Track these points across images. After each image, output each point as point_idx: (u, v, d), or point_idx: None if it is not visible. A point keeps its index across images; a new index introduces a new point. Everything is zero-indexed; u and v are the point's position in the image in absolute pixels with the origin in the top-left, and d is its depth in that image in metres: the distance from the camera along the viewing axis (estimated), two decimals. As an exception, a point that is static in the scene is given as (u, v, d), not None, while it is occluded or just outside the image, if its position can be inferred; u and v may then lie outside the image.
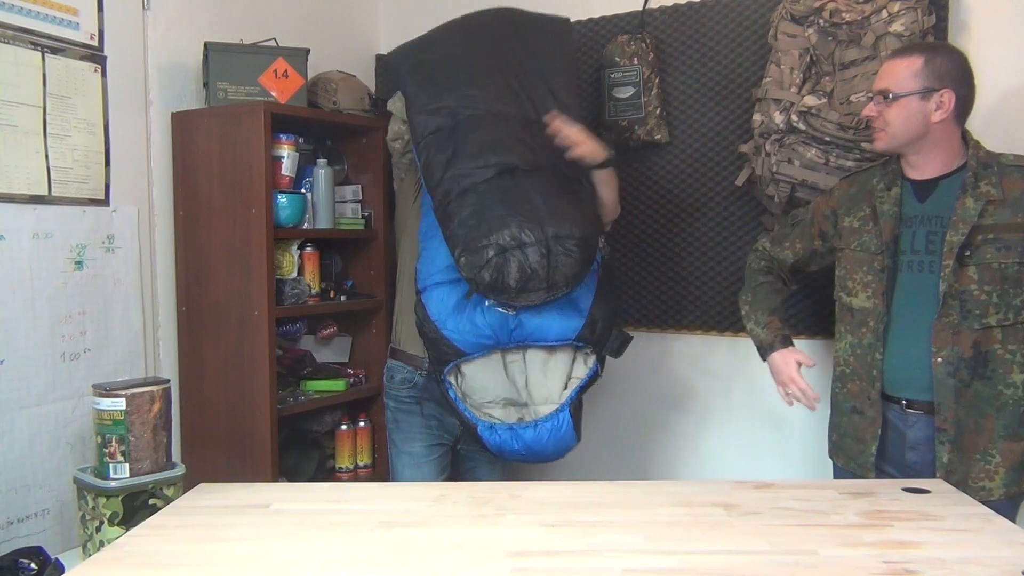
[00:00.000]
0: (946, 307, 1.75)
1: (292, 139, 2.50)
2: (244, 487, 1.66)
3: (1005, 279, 1.73)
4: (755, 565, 1.23)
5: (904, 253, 1.82)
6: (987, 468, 1.76)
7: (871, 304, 1.85)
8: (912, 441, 1.83)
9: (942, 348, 1.75)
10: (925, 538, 1.32)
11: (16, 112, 2.05)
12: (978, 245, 1.73)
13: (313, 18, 2.92)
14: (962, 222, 1.73)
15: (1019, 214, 1.72)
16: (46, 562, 1.87)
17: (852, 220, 1.92)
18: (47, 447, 2.13)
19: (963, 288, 1.74)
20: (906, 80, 1.75)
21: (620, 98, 2.57)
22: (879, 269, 1.84)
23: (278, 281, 2.42)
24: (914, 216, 1.82)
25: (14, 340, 2.05)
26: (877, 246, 1.85)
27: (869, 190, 1.90)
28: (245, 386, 2.37)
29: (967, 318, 1.74)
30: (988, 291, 1.73)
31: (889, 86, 1.77)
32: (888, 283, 1.82)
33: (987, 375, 1.75)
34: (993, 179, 1.75)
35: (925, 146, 1.80)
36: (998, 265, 1.72)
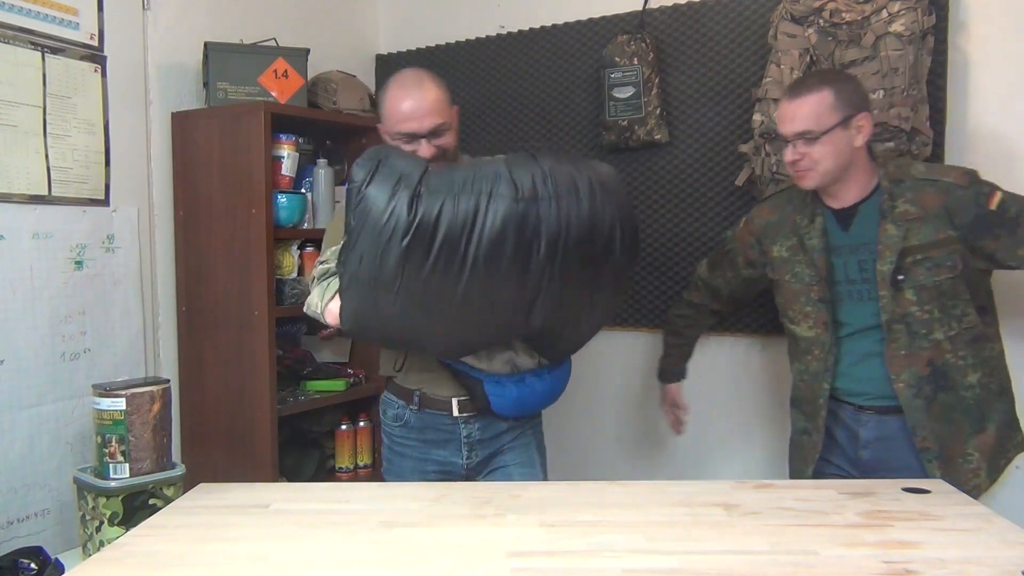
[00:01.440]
0: (893, 333, 1.77)
1: (292, 139, 2.50)
2: (244, 487, 1.66)
3: (942, 294, 1.75)
4: (755, 565, 1.23)
5: (840, 283, 1.83)
6: (971, 468, 1.80)
7: (814, 334, 1.87)
8: (864, 440, 1.86)
9: (901, 372, 1.77)
10: (925, 538, 1.32)
11: (16, 112, 2.05)
12: (909, 268, 1.74)
13: (313, 18, 2.92)
14: (888, 250, 1.74)
15: (941, 231, 1.73)
16: (46, 562, 1.87)
17: (780, 249, 1.93)
18: (47, 447, 2.13)
19: (905, 312, 1.75)
20: (825, 115, 1.72)
21: (620, 98, 2.57)
22: (817, 299, 1.85)
23: (278, 281, 2.42)
24: (842, 246, 1.83)
25: (14, 340, 2.05)
26: (811, 277, 1.85)
27: (790, 220, 1.91)
28: (245, 386, 2.37)
29: (916, 339, 1.76)
30: (929, 309, 1.75)
31: (810, 126, 1.72)
32: (830, 313, 1.84)
33: (948, 386, 1.78)
34: (908, 195, 1.76)
35: (847, 175, 1.80)
36: (932, 283, 1.74)
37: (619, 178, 1.69)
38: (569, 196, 1.57)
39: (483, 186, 1.54)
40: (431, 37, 3.06)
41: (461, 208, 1.51)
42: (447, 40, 3.02)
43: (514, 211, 1.53)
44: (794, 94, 1.77)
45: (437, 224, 1.50)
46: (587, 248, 1.60)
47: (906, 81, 2.04)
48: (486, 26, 2.95)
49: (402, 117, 1.71)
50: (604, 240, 1.62)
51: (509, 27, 2.90)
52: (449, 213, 1.51)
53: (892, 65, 2.05)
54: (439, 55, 3.04)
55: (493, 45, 2.93)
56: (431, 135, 1.72)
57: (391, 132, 1.75)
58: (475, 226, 1.52)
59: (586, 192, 1.59)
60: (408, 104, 1.71)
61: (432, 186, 1.53)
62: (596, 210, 1.60)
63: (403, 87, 1.75)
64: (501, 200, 1.53)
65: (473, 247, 1.52)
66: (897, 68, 2.04)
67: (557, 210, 1.56)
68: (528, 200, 1.54)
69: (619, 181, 1.68)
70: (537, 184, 1.56)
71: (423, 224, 1.50)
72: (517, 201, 1.53)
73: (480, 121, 2.96)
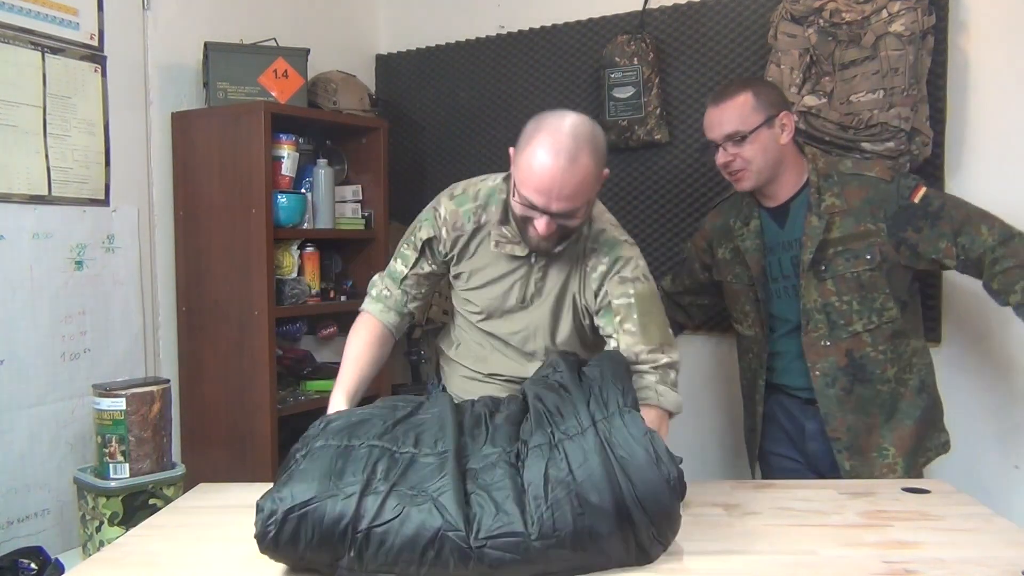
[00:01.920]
0: (812, 322, 1.82)
1: (292, 139, 2.50)
2: (244, 487, 1.66)
3: (861, 286, 1.79)
4: (755, 565, 1.23)
5: (776, 280, 1.90)
6: (887, 463, 1.84)
7: (752, 333, 1.96)
8: (810, 433, 1.92)
9: (817, 361, 1.83)
10: (925, 538, 1.32)
11: (16, 112, 2.05)
12: (830, 259, 1.80)
13: (313, 18, 2.92)
14: (810, 240, 1.79)
15: (862, 223, 1.78)
16: (46, 562, 1.87)
17: (724, 252, 2.00)
18: (47, 447, 2.13)
19: (826, 301, 1.81)
20: (749, 116, 1.77)
21: (620, 98, 2.57)
22: (754, 299, 1.93)
23: (278, 281, 2.42)
24: (777, 244, 1.89)
25: (14, 340, 2.05)
26: (748, 279, 1.93)
27: (733, 221, 1.96)
28: (245, 386, 2.37)
29: (835, 329, 1.81)
30: (848, 300, 1.80)
31: (737, 127, 1.78)
32: (765, 312, 1.90)
33: (866, 378, 1.82)
34: (835, 189, 1.81)
35: (779, 172, 1.84)
36: (851, 274, 1.79)
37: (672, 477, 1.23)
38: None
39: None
40: (431, 37, 3.06)
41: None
42: (447, 40, 3.02)
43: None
44: (717, 101, 1.82)
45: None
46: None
47: (906, 81, 2.04)
48: (486, 26, 2.95)
49: (532, 184, 1.43)
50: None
51: (509, 27, 2.90)
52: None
53: (892, 65, 2.05)
54: (439, 55, 3.04)
55: (493, 45, 2.93)
56: (559, 216, 1.46)
57: (517, 186, 1.47)
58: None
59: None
60: (545, 178, 1.41)
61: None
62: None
63: (553, 152, 1.41)
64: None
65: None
66: (897, 68, 2.04)
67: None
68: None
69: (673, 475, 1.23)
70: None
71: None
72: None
73: (480, 121, 2.96)
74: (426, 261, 1.71)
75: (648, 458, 1.20)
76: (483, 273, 1.66)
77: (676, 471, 1.21)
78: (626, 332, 1.52)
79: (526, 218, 1.49)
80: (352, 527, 1.15)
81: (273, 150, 2.42)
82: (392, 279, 1.74)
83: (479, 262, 1.66)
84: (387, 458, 1.25)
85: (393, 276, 1.74)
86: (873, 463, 1.83)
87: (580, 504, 1.17)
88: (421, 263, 1.71)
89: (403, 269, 1.72)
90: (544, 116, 1.47)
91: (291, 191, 2.47)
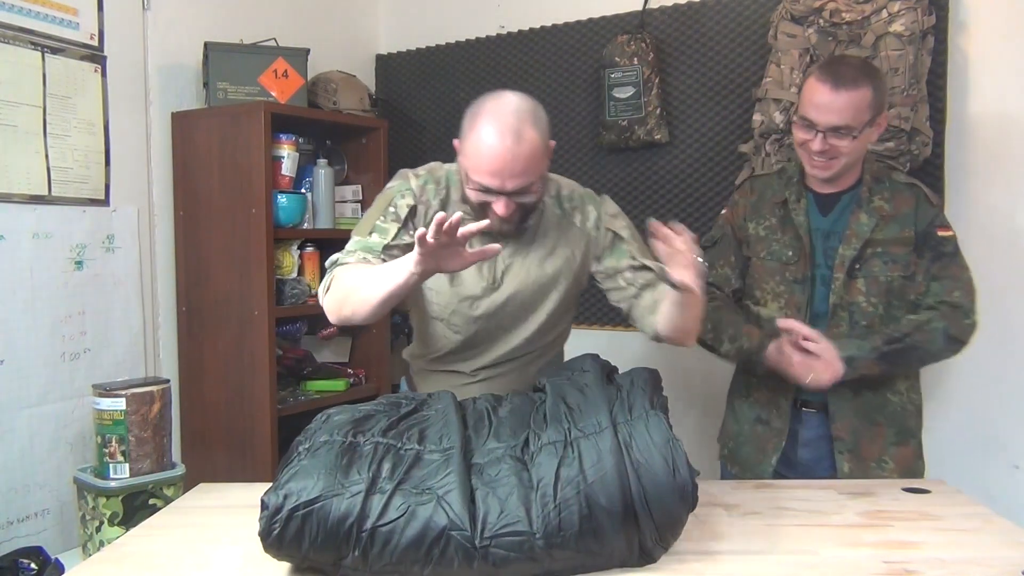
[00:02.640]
0: (835, 318, 1.77)
1: (292, 139, 2.50)
2: (244, 487, 1.66)
3: (890, 292, 1.76)
4: (755, 565, 1.23)
5: (819, 266, 1.81)
6: (883, 475, 1.78)
7: (783, 315, 1.80)
8: (804, 439, 1.84)
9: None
10: (925, 538, 1.32)
11: (16, 112, 2.05)
12: (867, 258, 1.76)
13: (313, 18, 2.92)
14: (855, 236, 1.76)
15: (906, 229, 1.75)
16: (46, 562, 1.87)
17: (758, 228, 1.89)
18: (47, 447, 2.13)
19: (852, 300, 1.76)
20: (863, 112, 1.69)
21: (620, 98, 2.57)
22: (792, 280, 1.82)
23: (278, 281, 2.42)
24: (818, 229, 1.82)
25: (14, 340, 2.05)
26: (791, 256, 1.82)
27: (771, 199, 1.88)
28: (245, 386, 2.37)
29: (855, 328, 1.76)
30: (875, 303, 1.76)
31: (850, 122, 1.68)
32: (804, 295, 1.80)
33: (875, 386, 1.77)
34: (886, 194, 1.78)
35: (853, 166, 1.79)
36: (885, 278, 1.75)
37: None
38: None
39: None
40: (431, 37, 3.06)
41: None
42: (447, 40, 3.02)
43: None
44: (837, 85, 1.67)
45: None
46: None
47: (906, 81, 2.04)
48: (486, 26, 2.95)
49: (483, 167, 1.45)
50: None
51: (509, 27, 2.90)
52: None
53: (892, 65, 2.05)
54: (439, 55, 3.04)
55: (493, 45, 2.93)
56: (514, 194, 1.47)
57: (468, 174, 1.49)
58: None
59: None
60: (496, 160, 1.43)
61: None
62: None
63: (498, 132, 1.43)
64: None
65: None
66: (897, 68, 2.04)
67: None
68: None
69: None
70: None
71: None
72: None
73: (480, 121, 2.96)
74: (407, 232, 1.56)
75: (665, 467, 1.19)
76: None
77: (691, 483, 1.20)
78: (644, 255, 1.61)
79: (484, 204, 1.49)
80: (357, 526, 1.14)
81: (273, 150, 2.42)
82: (369, 250, 1.53)
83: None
84: (392, 455, 1.24)
85: (370, 247, 1.53)
86: (870, 472, 1.78)
87: (588, 505, 1.17)
88: (402, 234, 1.56)
89: (382, 240, 1.54)
90: (482, 100, 1.49)
91: (291, 191, 2.47)
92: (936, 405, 2.29)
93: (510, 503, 1.17)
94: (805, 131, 1.72)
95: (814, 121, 1.69)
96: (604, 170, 2.72)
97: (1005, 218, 2.19)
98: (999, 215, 2.19)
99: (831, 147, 1.70)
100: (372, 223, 1.58)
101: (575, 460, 1.21)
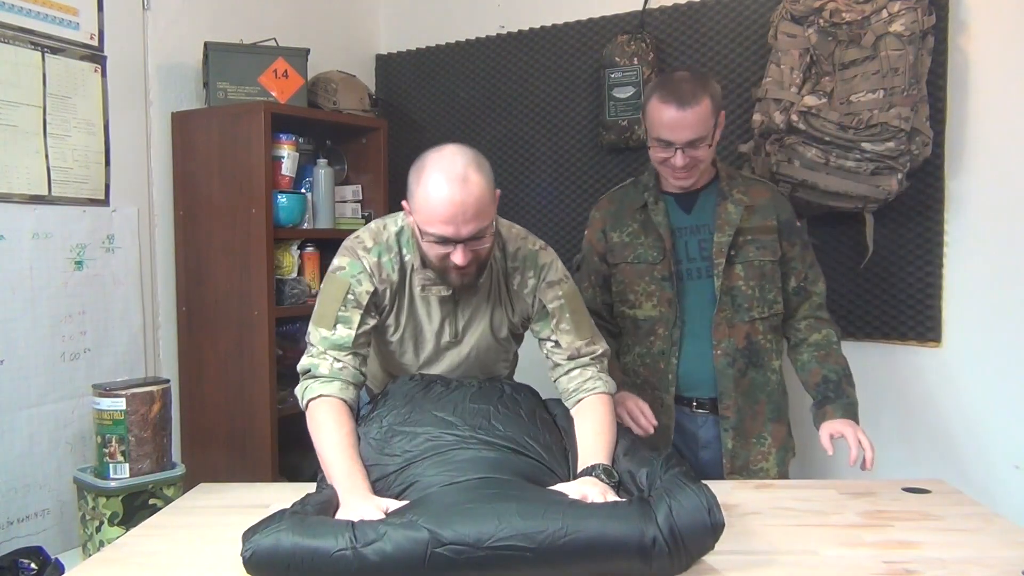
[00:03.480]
0: (721, 303, 1.88)
1: (292, 139, 2.50)
2: (244, 487, 1.66)
3: (763, 276, 1.89)
4: (755, 565, 1.23)
5: (681, 262, 1.91)
6: (762, 450, 1.91)
7: (658, 312, 1.92)
8: (704, 440, 1.93)
9: (720, 341, 1.88)
10: (925, 538, 1.32)
11: (16, 112, 2.05)
12: (741, 245, 1.88)
13: (313, 18, 2.92)
14: (727, 224, 1.87)
15: (768, 218, 1.90)
16: (46, 562, 1.87)
17: (621, 235, 1.97)
18: (47, 447, 2.13)
19: (732, 285, 1.88)
20: (708, 120, 1.80)
21: (620, 98, 2.57)
22: (660, 278, 1.91)
23: (278, 281, 2.42)
24: (684, 227, 1.92)
25: (14, 340, 2.05)
26: (655, 256, 1.91)
27: (630, 206, 1.97)
28: (245, 386, 2.37)
29: (738, 312, 1.88)
30: (752, 286, 1.89)
31: (702, 133, 1.80)
32: (674, 290, 1.89)
33: (759, 363, 1.91)
34: (742, 188, 1.92)
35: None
36: (758, 263, 1.89)
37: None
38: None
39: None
40: (431, 37, 3.06)
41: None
42: (447, 40, 3.02)
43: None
44: (681, 104, 1.77)
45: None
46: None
47: (906, 81, 2.04)
48: (486, 26, 2.95)
49: (437, 217, 1.45)
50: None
51: (509, 27, 2.90)
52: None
53: (892, 65, 2.05)
54: (439, 55, 3.04)
55: (493, 45, 2.93)
56: (470, 240, 1.48)
57: (421, 223, 1.48)
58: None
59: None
60: (449, 210, 1.43)
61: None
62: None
63: (446, 181, 1.44)
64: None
65: None
66: (897, 68, 2.04)
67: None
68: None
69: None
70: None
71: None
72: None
73: (480, 121, 2.96)
74: (370, 316, 1.59)
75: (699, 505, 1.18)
76: (414, 319, 1.65)
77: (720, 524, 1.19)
78: (563, 332, 1.64)
79: (442, 257, 1.50)
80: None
81: (273, 150, 2.42)
82: (339, 347, 1.55)
83: (407, 307, 1.64)
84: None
85: (339, 344, 1.55)
86: (751, 448, 1.90)
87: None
88: (366, 320, 1.58)
89: (349, 332, 1.55)
90: (424, 156, 1.50)
91: (291, 191, 2.47)
92: (936, 405, 2.29)
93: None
94: (664, 150, 1.83)
95: (670, 140, 1.81)
96: (604, 170, 2.72)
97: (1005, 218, 2.19)
98: (999, 215, 2.19)
99: (691, 158, 1.82)
100: (334, 313, 1.57)
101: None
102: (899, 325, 2.32)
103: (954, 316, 2.27)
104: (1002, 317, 2.20)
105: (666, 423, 1.90)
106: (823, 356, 1.88)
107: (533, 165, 2.86)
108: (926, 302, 2.29)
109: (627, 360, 1.98)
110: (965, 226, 2.24)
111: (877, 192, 2.14)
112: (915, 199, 2.26)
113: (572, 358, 1.64)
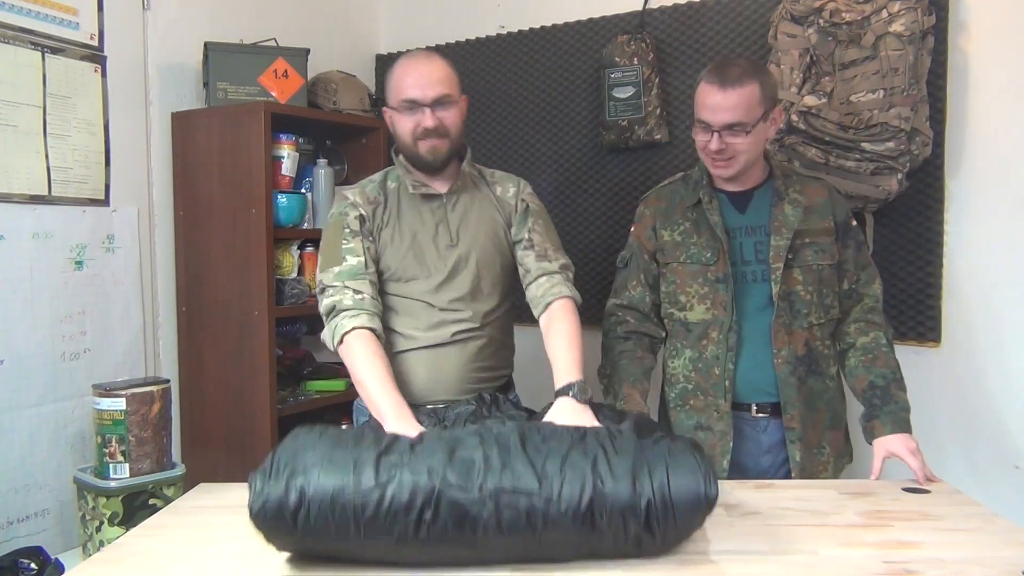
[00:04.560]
0: (779, 309, 1.79)
1: (292, 139, 2.50)
2: (244, 487, 1.65)
3: (821, 280, 1.82)
4: (755, 565, 1.23)
5: (736, 264, 1.82)
6: (823, 460, 1.84)
7: (711, 316, 1.82)
8: (767, 445, 1.84)
9: (781, 348, 1.79)
10: (925, 538, 1.32)
11: (16, 112, 2.05)
12: (798, 249, 1.81)
13: (313, 18, 2.92)
14: (784, 227, 1.80)
15: (825, 219, 1.83)
16: (46, 562, 1.87)
17: (672, 234, 1.88)
18: (47, 447, 2.13)
19: (791, 290, 1.80)
20: (754, 108, 1.72)
21: (620, 98, 2.57)
22: (715, 280, 1.82)
23: (278, 281, 2.42)
24: (738, 227, 1.84)
25: (14, 340, 2.05)
26: (710, 257, 1.83)
27: (681, 204, 1.89)
28: (245, 386, 2.37)
29: (797, 318, 1.81)
30: (811, 291, 1.81)
31: (742, 119, 1.72)
32: (728, 293, 1.81)
33: (818, 371, 1.84)
34: (797, 187, 1.84)
35: (754, 163, 1.82)
36: (816, 267, 1.81)
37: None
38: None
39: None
40: (431, 37, 3.06)
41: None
42: (447, 40, 3.02)
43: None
44: (724, 85, 1.72)
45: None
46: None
47: (906, 81, 2.04)
48: (486, 26, 2.95)
49: (407, 84, 1.68)
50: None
51: (509, 27, 2.90)
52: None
53: (892, 65, 2.05)
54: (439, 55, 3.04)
55: (493, 45, 2.93)
56: (435, 104, 1.68)
57: (395, 102, 1.71)
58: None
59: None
60: (415, 73, 1.69)
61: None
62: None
63: (412, 59, 1.74)
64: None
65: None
66: (897, 68, 2.05)
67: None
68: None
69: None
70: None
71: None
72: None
73: (480, 121, 2.96)
74: (367, 240, 1.71)
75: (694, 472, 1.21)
76: (408, 227, 1.74)
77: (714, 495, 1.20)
78: (537, 232, 1.79)
79: (414, 128, 1.67)
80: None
81: (273, 150, 2.42)
82: (354, 276, 1.65)
83: (400, 219, 1.75)
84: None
85: (354, 273, 1.65)
86: (814, 459, 1.83)
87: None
88: (368, 244, 1.71)
89: (359, 259, 1.67)
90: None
91: (291, 191, 2.47)
92: (936, 405, 2.29)
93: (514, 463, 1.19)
94: (703, 133, 1.78)
95: (708, 122, 1.75)
96: (604, 170, 2.72)
97: (1005, 218, 2.19)
98: (999, 215, 2.19)
99: (727, 145, 1.75)
100: (338, 249, 1.69)
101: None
102: (899, 325, 2.32)
103: (954, 316, 2.27)
104: (1002, 317, 2.20)
105: (723, 429, 1.81)
106: (870, 360, 1.80)
107: (533, 165, 2.86)
108: (926, 302, 2.29)
109: (676, 364, 1.88)
110: (965, 226, 2.24)
111: (877, 192, 2.14)
112: (915, 199, 2.26)
113: (541, 258, 1.76)
